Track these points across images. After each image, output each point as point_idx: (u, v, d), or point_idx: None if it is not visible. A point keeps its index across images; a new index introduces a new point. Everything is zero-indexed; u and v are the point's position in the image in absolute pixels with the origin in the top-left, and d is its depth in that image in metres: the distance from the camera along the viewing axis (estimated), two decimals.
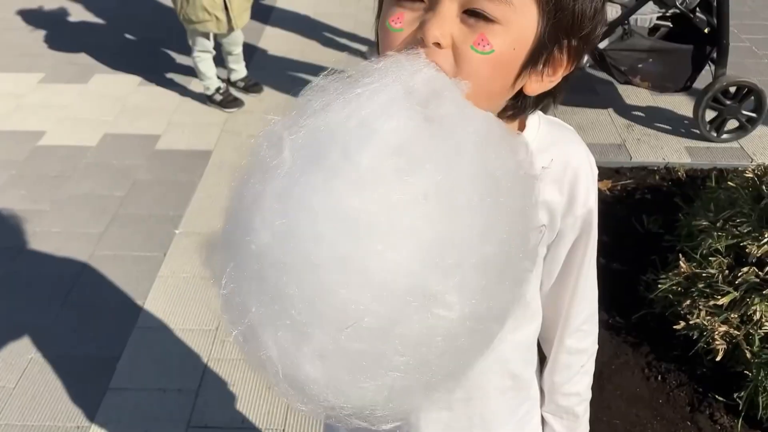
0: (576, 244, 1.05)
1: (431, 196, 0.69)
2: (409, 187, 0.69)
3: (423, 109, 0.73)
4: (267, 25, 5.45)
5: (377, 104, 0.73)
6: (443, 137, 0.73)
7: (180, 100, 4.38)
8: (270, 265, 0.70)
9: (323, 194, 0.69)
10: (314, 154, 0.71)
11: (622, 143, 3.92)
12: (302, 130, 0.74)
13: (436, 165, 0.71)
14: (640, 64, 3.86)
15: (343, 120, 0.72)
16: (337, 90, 0.75)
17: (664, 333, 2.58)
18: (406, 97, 0.73)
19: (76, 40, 5.15)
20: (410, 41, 0.80)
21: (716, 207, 2.73)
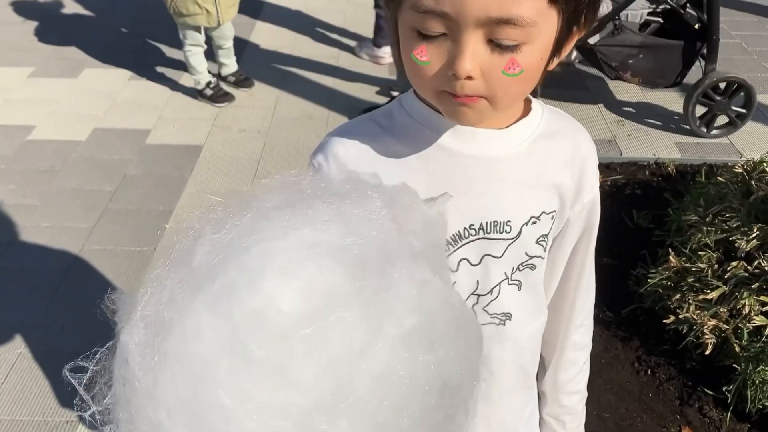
0: (581, 235, 1.06)
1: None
2: (295, 353, 0.64)
3: (357, 274, 0.68)
4: (257, 20, 5.43)
5: (308, 243, 0.68)
6: (363, 310, 0.67)
7: (170, 95, 4.37)
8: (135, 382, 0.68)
9: (195, 326, 0.66)
10: (213, 272, 0.67)
11: (612, 139, 3.93)
12: (226, 235, 0.70)
13: (334, 343, 0.65)
14: (630, 60, 3.87)
15: (258, 247, 0.68)
16: (281, 203, 0.72)
17: (654, 327, 2.59)
18: (347, 247, 0.69)
19: (66, 35, 5.12)
20: (441, 75, 0.81)
21: (706, 202, 2.74)
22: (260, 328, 0.64)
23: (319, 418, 0.64)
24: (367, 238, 0.69)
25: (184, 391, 0.65)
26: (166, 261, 0.73)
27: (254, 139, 3.92)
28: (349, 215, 0.71)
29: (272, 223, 0.69)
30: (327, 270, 0.66)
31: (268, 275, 0.65)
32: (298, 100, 4.32)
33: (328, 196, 0.73)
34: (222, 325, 0.64)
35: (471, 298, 1.00)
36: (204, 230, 0.72)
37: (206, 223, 0.73)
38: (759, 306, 2.31)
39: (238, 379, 0.64)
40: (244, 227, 0.70)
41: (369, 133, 0.97)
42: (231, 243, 0.69)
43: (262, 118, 4.12)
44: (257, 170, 3.63)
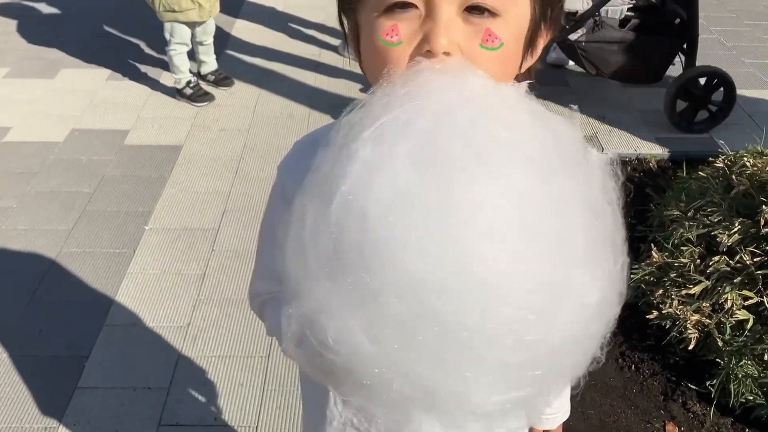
0: None
1: (554, 197, 0.67)
2: (537, 188, 0.66)
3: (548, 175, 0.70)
4: (237, 18, 5.39)
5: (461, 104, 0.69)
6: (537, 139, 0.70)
7: (149, 95, 4.32)
8: (420, 295, 0.64)
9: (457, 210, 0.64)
10: (433, 161, 0.65)
11: (593, 135, 3.93)
12: (406, 139, 0.67)
13: (545, 166, 0.68)
14: (611, 56, 3.88)
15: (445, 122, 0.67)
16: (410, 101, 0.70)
17: (637, 323, 2.59)
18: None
19: (42, 35, 5.06)
20: (416, 55, 0.76)
21: (687, 197, 2.74)
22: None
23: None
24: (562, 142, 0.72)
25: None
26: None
27: (234, 139, 3.88)
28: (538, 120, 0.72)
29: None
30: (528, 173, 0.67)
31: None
32: (278, 98, 4.28)
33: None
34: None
35: None
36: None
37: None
38: (741, 300, 2.31)
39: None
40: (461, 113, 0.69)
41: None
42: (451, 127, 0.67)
43: (243, 117, 4.09)
44: (238, 170, 3.60)
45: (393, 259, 0.63)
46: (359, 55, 0.85)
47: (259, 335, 2.58)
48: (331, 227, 0.66)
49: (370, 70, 0.82)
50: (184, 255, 3.00)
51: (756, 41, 5.21)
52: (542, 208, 0.66)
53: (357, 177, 0.66)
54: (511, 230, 0.65)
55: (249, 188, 3.46)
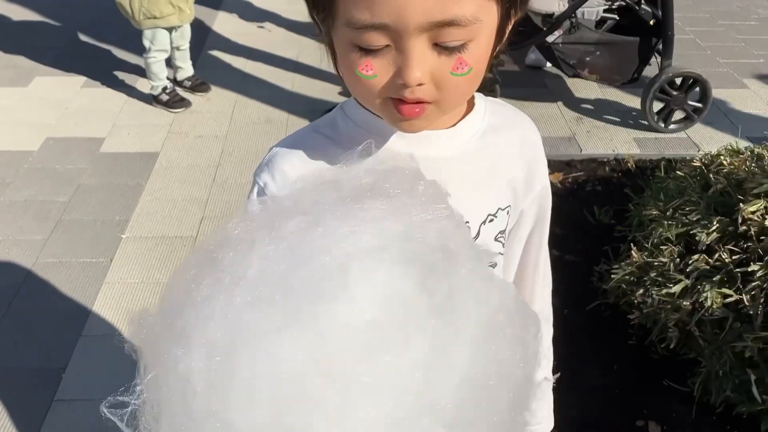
0: (535, 225, 1.06)
1: (399, 386, 0.62)
2: (381, 367, 0.62)
3: (425, 275, 0.65)
4: (213, 24, 5.35)
5: (372, 248, 0.65)
6: (442, 316, 0.65)
7: (125, 101, 4.27)
8: (197, 406, 0.63)
9: (276, 343, 0.61)
10: (283, 285, 0.63)
11: (572, 136, 3.94)
12: (281, 243, 0.65)
13: (419, 353, 0.63)
14: (588, 57, 3.90)
15: (328, 256, 0.64)
16: (332, 205, 0.68)
17: (618, 323, 2.60)
18: (411, 251, 0.66)
19: (15, 43, 4.99)
20: (389, 86, 0.78)
21: (666, 196, 2.75)
22: (351, 341, 0.61)
23: (413, 428, 0.62)
24: (430, 237, 0.67)
25: (267, 415, 0.60)
26: (214, 274, 0.66)
27: (212, 145, 3.85)
28: (403, 212, 0.69)
29: (328, 229, 0.66)
30: (399, 277, 0.64)
31: (350, 286, 0.62)
32: (256, 104, 4.26)
33: (376, 196, 0.70)
34: (311, 342, 0.61)
35: None
36: (254, 238, 0.67)
37: (252, 230, 0.68)
38: (720, 298, 2.32)
39: (328, 396, 0.60)
40: (297, 235, 0.66)
41: (315, 145, 0.94)
42: (291, 252, 0.65)
43: (220, 124, 4.05)
44: (215, 176, 3.57)
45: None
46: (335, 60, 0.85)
47: None
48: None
49: (347, 83, 0.83)
50: (162, 264, 2.97)
51: (730, 41, 5.27)
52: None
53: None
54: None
55: (227, 195, 3.43)
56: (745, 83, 4.61)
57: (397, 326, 0.62)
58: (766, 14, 5.83)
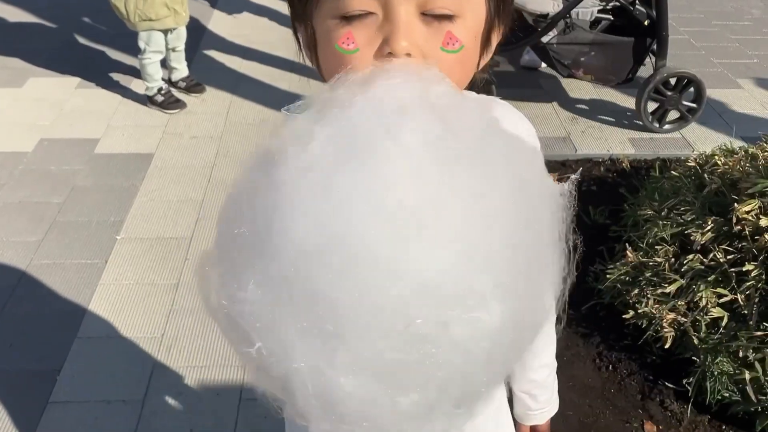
0: None
1: (477, 196, 0.64)
2: (457, 183, 0.63)
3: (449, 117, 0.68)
4: (208, 24, 5.35)
5: (404, 100, 0.66)
6: (478, 139, 0.68)
7: (119, 102, 4.26)
8: (307, 266, 0.62)
9: (368, 187, 0.62)
10: (352, 143, 0.64)
11: (567, 136, 3.95)
12: (332, 121, 0.66)
13: (477, 165, 0.65)
14: (582, 58, 3.90)
15: (375, 112, 0.65)
16: (353, 91, 0.68)
17: (614, 323, 2.60)
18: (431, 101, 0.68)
19: (9, 44, 4.97)
20: (376, 56, 0.74)
21: (660, 196, 2.76)
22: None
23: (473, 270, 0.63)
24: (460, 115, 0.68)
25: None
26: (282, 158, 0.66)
27: (207, 146, 3.84)
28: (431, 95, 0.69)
29: (366, 100, 0.67)
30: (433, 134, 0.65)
31: (400, 138, 0.64)
32: (251, 104, 4.25)
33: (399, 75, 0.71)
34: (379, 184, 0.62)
35: None
36: (313, 129, 0.67)
37: (309, 123, 0.68)
38: (715, 298, 2.33)
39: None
40: (344, 110, 0.67)
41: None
42: (345, 123, 0.66)
43: (215, 124, 4.05)
44: (211, 177, 3.56)
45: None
46: (317, 62, 0.83)
47: None
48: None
49: (324, 72, 0.81)
50: (157, 264, 2.96)
51: (724, 41, 5.28)
52: (462, 212, 0.64)
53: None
54: (427, 228, 0.63)
55: (222, 196, 3.41)
56: (740, 83, 4.62)
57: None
58: (759, 15, 5.85)
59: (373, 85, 0.68)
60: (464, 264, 0.63)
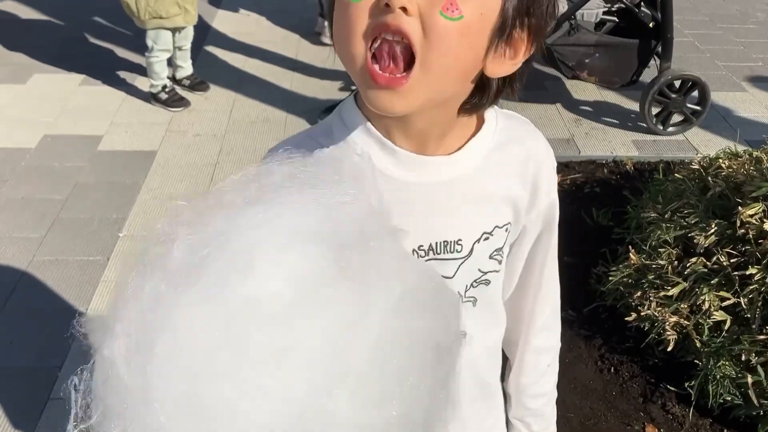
0: (539, 239, 1.03)
1: (316, 350, 0.65)
2: (293, 334, 0.64)
3: (338, 253, 0.68)
4: (212, 23, 5.35)
5: (286, 228, 0.68)
6: (352, 290, 0.67)
7: (123, 99, 4.26)
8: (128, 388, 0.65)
9: (190, 319, 0.64)
10: (199, 267, 0.66)
11: (570, 138, 3.94)
12: (201, 234, 0.69)
13: (328, 322, 0.66)
14: (587, 59, 3.89)
15: (243, 239, 0.67)
16: (253, 195, 0.70)
17: (616, 325, 2.59)
18: (325, 232, 0.68)
19: (14, 40, 4.98)
20: (374, 10, 0.74)
21: (664, 199, 2.75)
22: (256, 313, 0.64)
23: (321, 396, 0.64)
24: (345, 220, 0.69)
25: (182, 388, 0.63)
26: (139, 268, 0.70)
27: (210, 144, 3.84)
28: (323, 200, 0.70)
29: (247, 216, 0.69)
30: (312, 254, 0.66)
31: (257, 263, 0.65)
32: (254, 103, 4.25)
33: (298, 185, 0.72)
34: (217, 315, 0.64)
35: None
36: (177, 233, 0.70)
37: (177, 225, 0.71)
38: (718, 301, 2.32)
39: (239, 367, 0.63)
40: (219, 224, 0.69)
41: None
42: (210, 240, 0.68)
43: (218, 122, 4.05)
44: (214, 175, 3.56)
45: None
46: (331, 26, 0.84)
47: None
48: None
49: (338, 38, 0.80)
50: None
51: (729, 44, 5.27)
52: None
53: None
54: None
55: None
56: (744, 86, 4.62)
57: (307, 299, 0.65)
58: (764, 18, 5.84)
59: (275, 199, 0.70)
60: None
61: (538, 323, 1.10)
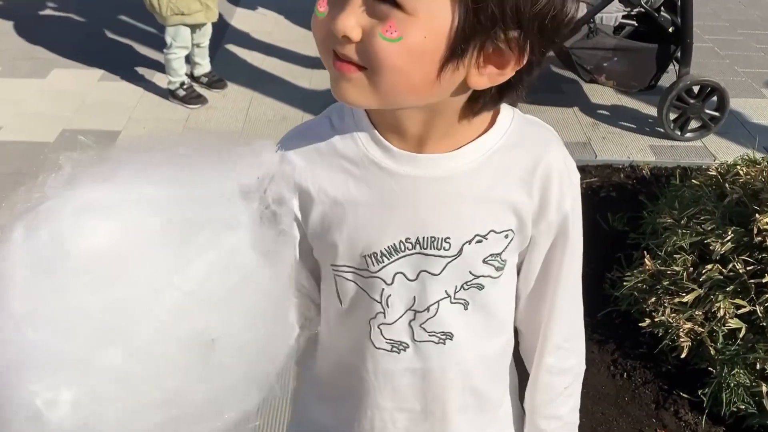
0: (551, 252, 1.00)
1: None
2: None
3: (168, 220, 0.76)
4: (231, 21, 5.37)
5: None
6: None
7: (141, 96, 4.29)
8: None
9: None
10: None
11: (587, 141, 3.93)
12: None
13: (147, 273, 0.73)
14: (605, 63, 3.87)
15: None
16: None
17: (630, 330, 2.58)
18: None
19: (35, 34, 5.02)
20: (330, 34, 0.78)
21: (681, 205, 2.73)
22: (64, 247, 0.71)
23: (100, 338, 0.69)
24: (201, 204, 0.75)
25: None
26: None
27: None
28: (198, 181, 0.77)
29: (119, 175, 0.78)
30: (146, 219, 0.73)
31: (88, 211, 0.73)
32: (272, 101, 4.26)
33: (189, 158, 0.79)
34: (30, 243, 0.72)
35: (408, 313, 0.98)
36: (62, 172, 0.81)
37: (66, 163, 0.82)
38: (734, 309, 2.31)
39: (33, 288, 0.70)
40: (89, 176, 0.79)
41: (320, 134, 0.95)
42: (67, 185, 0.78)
43: (235, 120, 4.07)
44: None
45: None
46: None
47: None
48: None
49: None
50: None
51: (749, 50, 5.23)
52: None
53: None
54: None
55: None
56: (764, 93, 4.58)
57: (121, 250, 0.72)
58: None
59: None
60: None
61: (553, 341, 1.06)
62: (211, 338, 0.71)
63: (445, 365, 1.01)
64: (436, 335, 0.99)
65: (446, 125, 0.89)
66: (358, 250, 0.94)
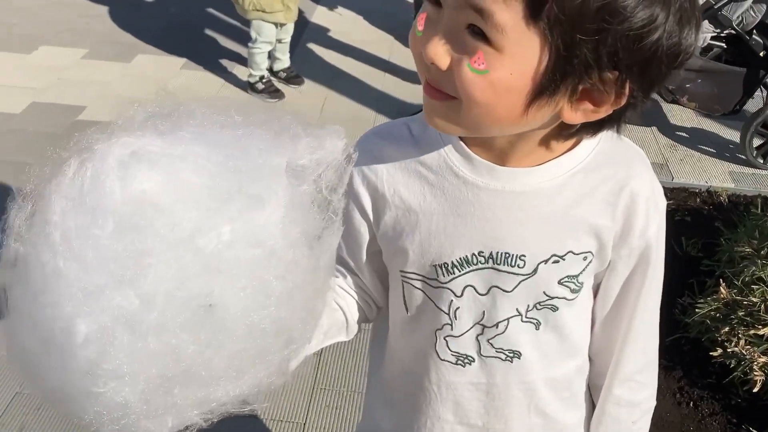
0: (630, 279, 0.97)
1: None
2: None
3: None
4: (311, 18, 5.44)
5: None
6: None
7: (221, 86, 4.38)
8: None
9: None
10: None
11: (664, 163, 3.84)
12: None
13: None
14: (688, 84, 3.79)
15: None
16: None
17: (698, 359, 2.51)
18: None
19: (122, 19, 5.18)
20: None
21: (761, 234, 2.65)
22: (104, 187, 0.70)
23: (118, 280, 0.68)
24: (243, 174, 0.73)
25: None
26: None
27: None
28: (250, 152, 0.75)
29: (179, 131, 0.75)
30: (187, 177, 0.71)
31: (135, 158, 0.71)
32: (346, 100, 4.30)
33: (252, 128, 0.77)
34: (77, 177, 0.72)
35: (476, 327, 0.97)
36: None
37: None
38: None
39: (70, 220, 0.70)
40: (151, 127, 0.77)
41: (400, 138, 0.96)
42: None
43: (310, 117, 4.05)
44: None
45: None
46: None
47: None
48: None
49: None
50: None
51: None
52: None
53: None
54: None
55: None
56: None
57: (165, 201, 0.70)
58: None
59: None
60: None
61: (624, 372, 1.02)
62: (209, 303, 0.70)
63: (510, 382, 1.00)
64: (504, 352, 0.98)
65: (533, 145, 0.87)
66: (429, 259, 0.93)
